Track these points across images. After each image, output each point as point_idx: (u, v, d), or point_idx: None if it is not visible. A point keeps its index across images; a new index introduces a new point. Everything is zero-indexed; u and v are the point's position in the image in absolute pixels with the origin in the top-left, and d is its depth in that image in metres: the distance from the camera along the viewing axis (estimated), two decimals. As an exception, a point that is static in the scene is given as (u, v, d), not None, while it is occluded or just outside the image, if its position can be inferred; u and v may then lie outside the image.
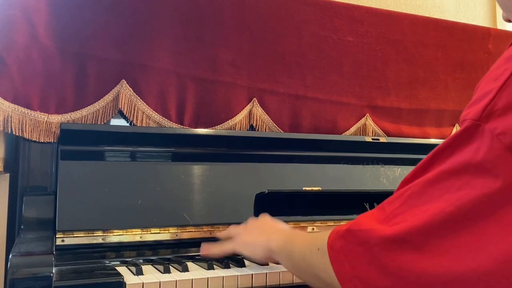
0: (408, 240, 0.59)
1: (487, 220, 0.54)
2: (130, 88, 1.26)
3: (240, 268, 0.96)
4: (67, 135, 1.14)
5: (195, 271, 0.93)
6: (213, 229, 1.16)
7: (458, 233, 0.56)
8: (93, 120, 1.22)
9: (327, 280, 0.68)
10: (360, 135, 1.54)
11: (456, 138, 0.59)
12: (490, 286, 0.53)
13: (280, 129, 1.43)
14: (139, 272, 0.88)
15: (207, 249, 1.00)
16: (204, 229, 1.15)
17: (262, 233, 0.94)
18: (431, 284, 0.56)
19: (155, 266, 0.99)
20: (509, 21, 0.75)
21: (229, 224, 1.17)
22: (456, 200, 0.56)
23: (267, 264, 0.99)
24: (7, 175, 1.23)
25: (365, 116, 1.56)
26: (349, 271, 0.64)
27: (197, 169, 1.22)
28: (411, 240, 0.58)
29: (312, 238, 0.78)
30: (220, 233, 1.05)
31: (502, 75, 0.57)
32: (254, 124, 1.40)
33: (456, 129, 1.72)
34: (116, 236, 1.07)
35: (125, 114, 1.25)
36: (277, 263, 0.93)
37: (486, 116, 0.56)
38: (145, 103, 1.27)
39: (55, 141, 1.17)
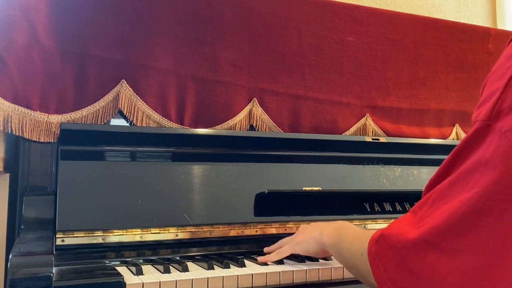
0: (429, 240, 0.61)
1: (500, 216, 0.56)
2: (130, 88, 1.26)
3: (240, 268, 0.96)
4: (67, 135, 1.14)
5: (195, 271, 0.93)
6: (213, 229, 1.16)
7: (474, 231, 0.57)
8: (93, 120, 1.22)
9: (373, 283, 0.71)
10: (360, 135, 1.54)
11: (470, 139, 0.62)
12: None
13: (280, 129, 1.43)
14: (139, 272, 0.88)
15: (265, 259, 1.01)
16: (204, 229, 1.15)
17: (316, 229, 0.97)
18: (455, 283, 0.58)
19: (155, 266, 0.99)
20: None
21: (229, 224, 1.17)
22: (469, 199, 0.58)
23: (326, 259, 1.03)
24: (7, 175, 1.23)
25: (365, 116, 1.56)
26: (383, 274, 0.67)
27: (197, 169, 1.22)
28: (431, 240, 0.61)
29: (358, 240, 0.79)
30: (270, 247, 1.06)
31: (506, 73, 0.58)
32: (254, 124, 1.40)
33: (456, 129, 1.72)
34: (116, 236, 1.07)
35: (125, 114, 1.25)
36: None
37: (495, 115, 0.58)
38: (145, 103, 1.27)
39: (55, 141, 1.17)
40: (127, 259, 1.03)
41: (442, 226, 0.60)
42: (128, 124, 1.27)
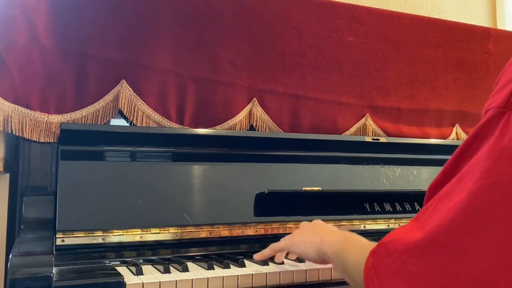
0: (436, 241, 0.54)
1: None
2: (130, 88, 1.26)
3: (240, 268, 0.96)
4: (67, 135, 1.14)
5: (195, 271, 0.93)
6: (213, 229, 1.16)
7: (487, 227, 0.51)
8: (93, 120, 1.22)
9: None
10: (360, 135, 1.54)
11: (482, 128, 0.56)
12: None
13: (280, 129, 1.43)
14: (139, 272, 0.88)
15: (260, 255, 0.98)
16: (204, 229, 1.15)
17: (315, 233, 0.89)
18: None
19: (155, 266, 0.99)
20: None
21: (229, 224, 1.17)
22: (481, 190, 0.52)
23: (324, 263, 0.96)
24: (7, 175, 1.23)
25: (365, 116, 1.56)
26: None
27: (197, 169, 1.22)
28: (439, 240, 0.54)
29: (364, 251, 0.68)
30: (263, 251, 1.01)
31: None
32: (254, 124, 1.40)
33: (456, 129, 1.72)
34: (116, 236, 1.07)
35: (125, 114, 1.25)
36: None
37: (511, 103, 0.53)
38: (145, 103, 1.27)
39: (55, 141, 1.17)
40: (127, 259, 1.03)
41: (450, 223, 0.53)
42: (128, 124, 1.27)
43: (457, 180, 0.56)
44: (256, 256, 0.99)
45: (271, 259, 1.02)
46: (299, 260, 1.03)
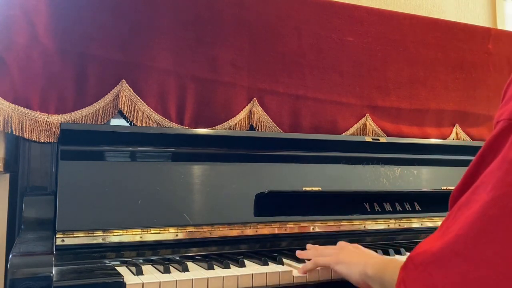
0: (454, 249, 0.55)
1: None
2: (130, 88, 1.26)
3: (240, 268, 0.96)
4: (67, 135, 1.14)
5: (195, 271, 0.93)
6: (213, 229, 1.16)
7: (500, 236, 0.52)
8: (93, 120, 1.22)
9: None
10: (360, 135, 1.54)
11: (494, 140, 0.58)
12: None
13: (280, 129, 1.43)
14: (139, 272, 0.88)
15: (303, 269, 0.97)
16: (204, 229, 1.15)
17: (359, 255, 0.92)
18: None
19: (155, 266, 0.99)
20: None
21: (229, 224, 1.17)
22: (495, 201, 0.53)
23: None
24: (7, 175, 1.23)
25: (365, 116, 1.56)
26: None
27: (197, 169, 1.22)
28: (457, 249, 0.55)
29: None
30: (306, 252, 1.03)
31: None
32: (254, 124, 1.40)
33: (456, 129, 1.72)
34: (116, 236, 1.07)
35: (125, 114, 1.25)
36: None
37: None
38: (145, 103, 1.27)
39: (55, 141, 1.17)
40: (127, 259, 1.03)
41: (467, 233, 0.54)
42: (128, 124, 1.27)
43: (472, 190, 0.58)
44: (300, 271, 0.97)
45: (271, 258, 1.03)
46: (299, 260, 1.03)
